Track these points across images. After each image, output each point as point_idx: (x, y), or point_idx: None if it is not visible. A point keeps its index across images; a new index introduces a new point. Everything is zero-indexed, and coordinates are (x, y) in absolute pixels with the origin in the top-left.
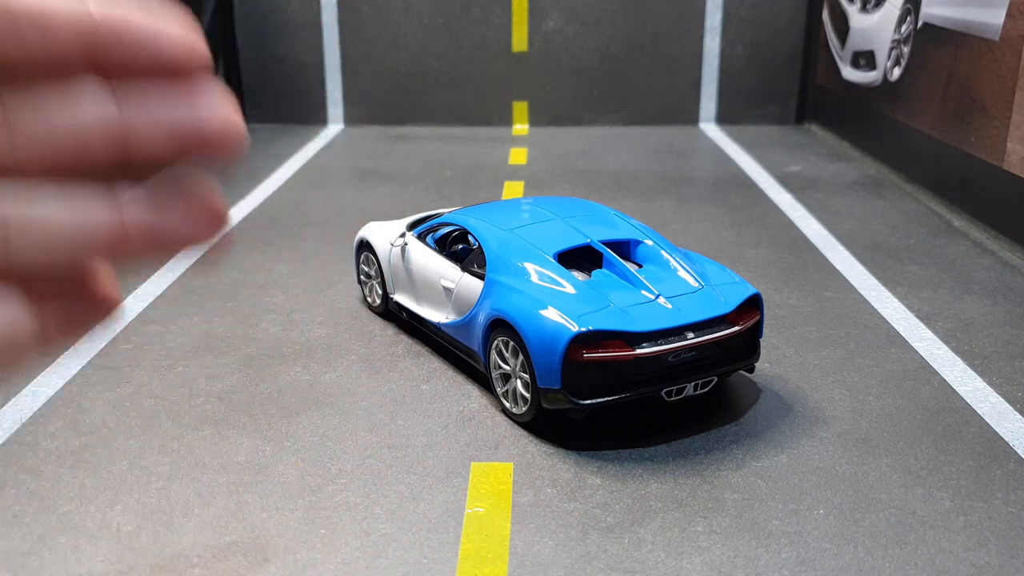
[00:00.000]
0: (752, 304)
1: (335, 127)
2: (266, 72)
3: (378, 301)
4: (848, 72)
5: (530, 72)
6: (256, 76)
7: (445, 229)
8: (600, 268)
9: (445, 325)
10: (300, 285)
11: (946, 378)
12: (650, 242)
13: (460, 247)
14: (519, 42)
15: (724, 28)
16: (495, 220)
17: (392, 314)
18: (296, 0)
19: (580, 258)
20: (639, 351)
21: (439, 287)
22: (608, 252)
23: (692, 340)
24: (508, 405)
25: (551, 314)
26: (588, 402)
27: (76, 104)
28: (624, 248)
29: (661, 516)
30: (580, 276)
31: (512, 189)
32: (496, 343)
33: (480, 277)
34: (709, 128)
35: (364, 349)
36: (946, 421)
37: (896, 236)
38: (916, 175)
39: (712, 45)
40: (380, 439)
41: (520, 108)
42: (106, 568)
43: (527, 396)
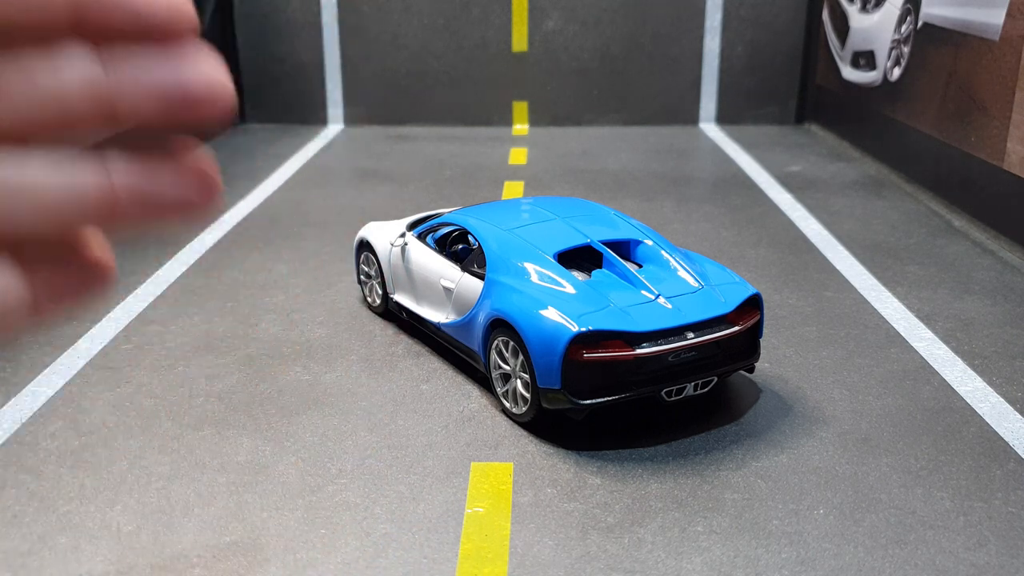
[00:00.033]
0: (752, 304)
1: (335, 127)
2: (266, 72)
3: (378, 301)
4: (848, 72)
5: (530, 72)
6: (256, 76)
7: (445, 229)
8: (600, 268)
9: (445, 325)
10: (300, 285)
11: (946, 378)
12: (650, 242)
13: (460, 247)
14: (519, 42)
15: (724, 28)
16: (495, 220)
17: (392, 314)
18: (296, 0)
19: (580, 258)
20: (639, 351)
21: (439, 287)
22: (608, 252)
23: (692, 340)
24: (508, 405)
25: (551, 314)
26: (588, 402)
27: (60, 66)
28: (624, 248)
29: (661, 516)
30: (580, 276)
31: (512, 189)
32: (496, 343)
33: (480, 277)
34: (709, 128)
35: (364, 349)
36: (946, 421)
37: (896, 236)
38: (916, 175)
39: (712, 45)
40: (380, 439)
41: (520, 108)
42: (106, 568)
43: (527, 396)
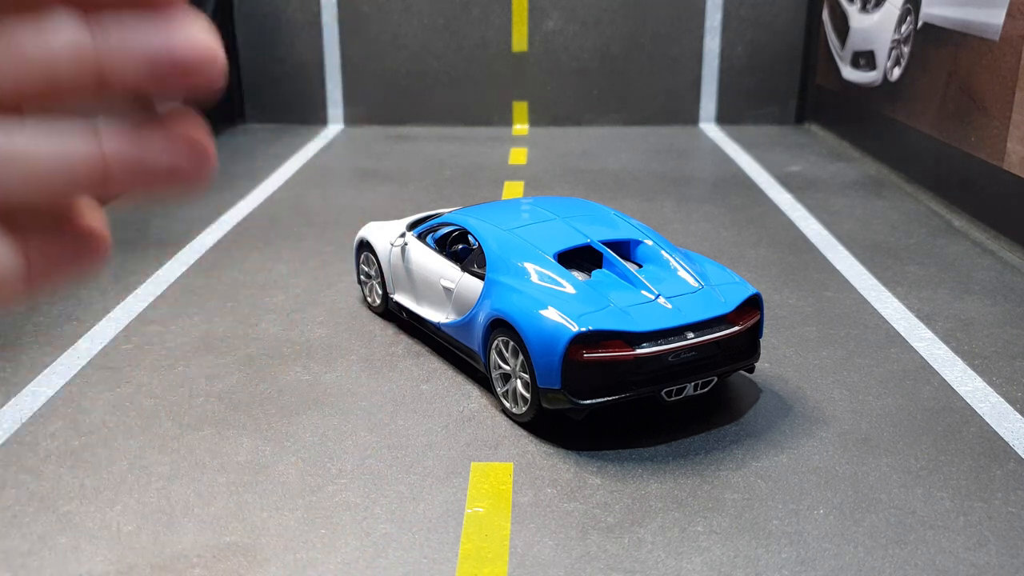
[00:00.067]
0: (752, 304)
1: (335, 127)
2: (266, 72)
3: (378, 301)
4: (848, 72)
5: (530, 72)
6: (256, 76)
7: (445, 229)
8: (600, 268)
9: (445, 325)
10: (300, 285)
11: (946, 378)
12: (650, 242)
13: (460, 247)
14: (519, 42)
15: (724, 28)
16: (495, 220)
17: (392, 314)
18: (296, 0)
19: (580, 258)
20: (639, 351)
21: (439, 287)
22: (608, 252)
23: (692, 340)
24: (508, 405)
25: (551, 314)
26: (588, 402)
27: (48, 33)
28: (624, 248)
29: (661, 516)
30: (580, 276)
31: (512, 189)
32: (496, 343)
33: (480, 277)
34: (709, 128)
35: (364, 349)
36: (946, 421)
37: (896, 236)
38: (916, 175)
39: (712, 45)
40: (380, 439)
41: (520, 108)
42: (106, 568)
43: (527, 396)
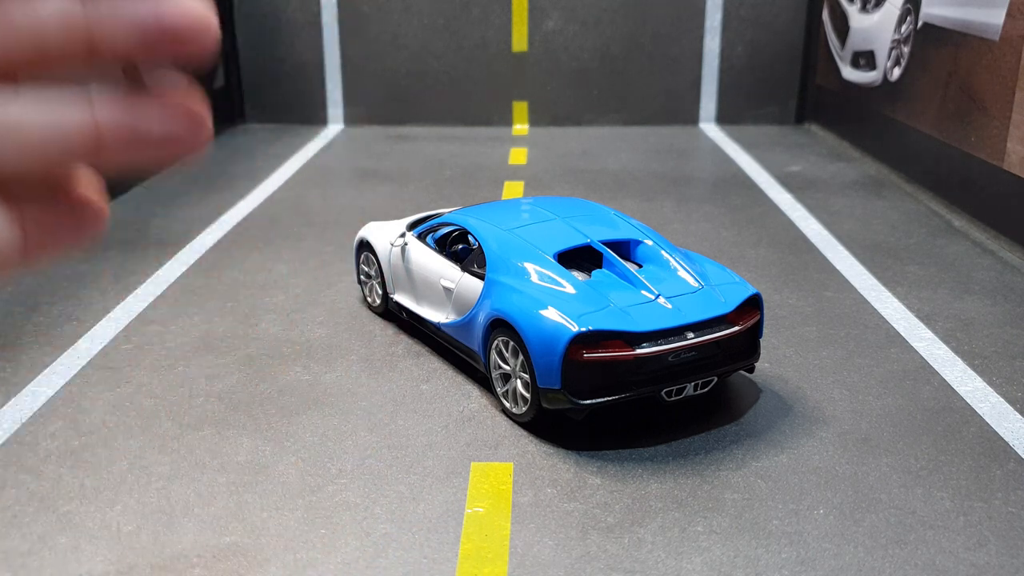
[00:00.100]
0: (752, 304)
1: (335, 127)
2: (266, 72)
3: (378, 301)
4: (848, 72)
5: (530, 72)
6: (256, 76)
7: (445, 229)
8: (600, 268)
9: (445, 325)
10: (300, 285)
11: (946, 378)
12: (650, 242)
13: (460, 247)
14: (519, 42)
15: (724, 28)
16: (495, 220)
17: (392, 314)
18: (296, 0)
19: (580, 258)
20: (639, 351)
21: (439, 287)
22: (608, 252)
23: (692, 340)
24: (508, 405)
25: (551, 314)
26: (588, 402)
27: (36, 1)
28: (624, 248)
29: (661, 516)
30: (580, 276)
31: (512, 189)
32: (496, 343)
33: (480, 277)
34: (709, 128)
35: (364, 349)
36: (946, 421)
37: (896, 236)
38: (916, 175)
39: (712, 45)
40: (380, 439)
41: (520, 108)
42: (106, 568)
43: (527, 396)
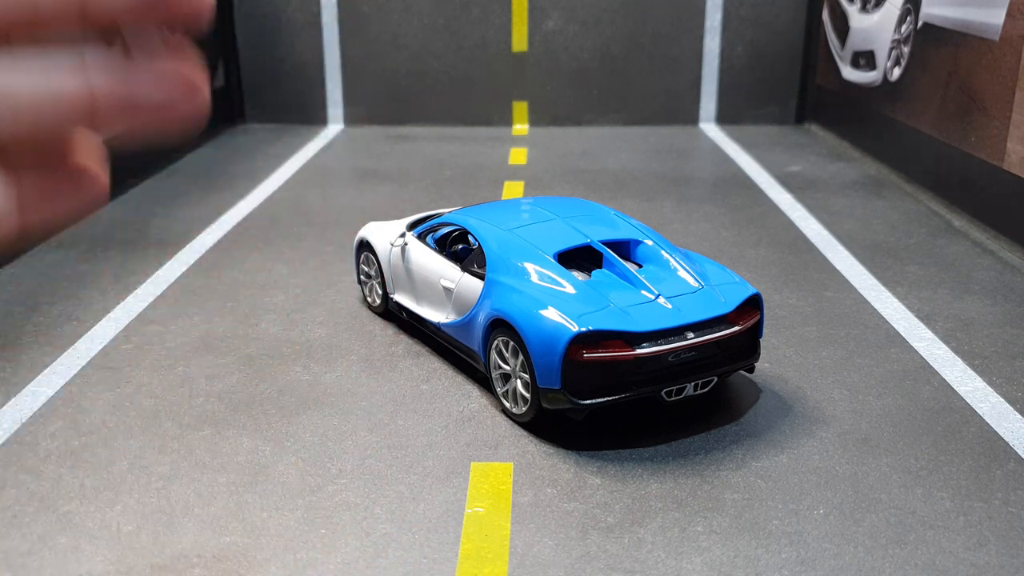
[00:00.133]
0: (752, 304)
1: (335, 127)
2: (266, 72)
3: (378, 301)
4: (848, 72)
5: (530, 72)
6: (256, 76)
7: (445, 229)
8: (600, 268)
9: (445, 325)
10: (300, 285)
11: (946, 378)
12: (650, 242)
13: (460, 247)
14: (519, 42)
15: (724, 28)
16: (495, 220)
17: (392, 314)
18: (296, 0)
19: (580, 258)
20: (639, 351)
21: (439, 287)
22: (608, 252)
23: (692, 340)
24: (508, 405)
25: (551, 314)
26: (588, 402)
27: None
28: (624, 248)
29: (661, 516)
30: (580, 276)
31: (512, 189)
32: (496, 343)
33: (480, 277)
34: (709, 128)
35: (364, 349)
36: (946, 421)
37: (896, 236)
38: (916, 175)
39: (712, 45)
40: (380, 439)
41: (520, 108)
42: (106, 568)
43: (527, 396)
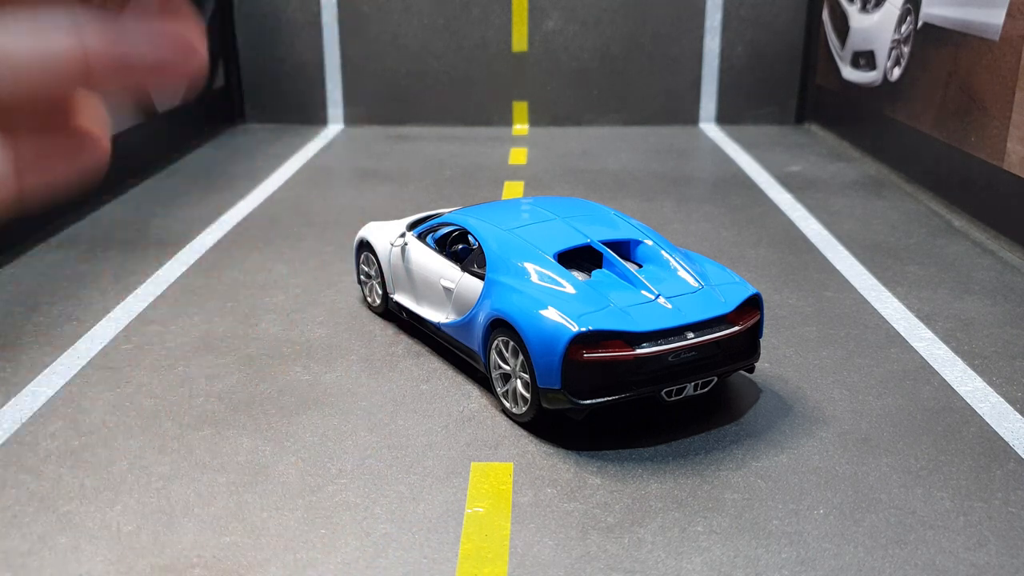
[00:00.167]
0: (752, 304)
1: (335, 127)
2: (266, 72)
3: (378, 301)
4: (848, 72)
5: (530, 72)
6: (256, 76)
7: (445, 229)
8: (600, 268)
9: (445, 325)
10: (300, 285)
11: (946, 378)
12: (650, 242)
13: (460, 247)
14: (519, 42)
15: (724, 28)
16: (495, 220)
17: (392, 314)
18: (296, 0)
19: (580, 258)
20: (639, 351)
21: (439, 287)
22: (608, 252)
23: (692, 340)
24: (508, 405)
25: (551, 314)
26: (588, 402)
27: None
28: (624, 248)
29: (661, 516)
30: (580, 276)
31: (512, 189)
32: (496, 343)
33: (480, 277)
34: (709, 128)
35: (364, 349)
36: (946, 421)
37: (896, 236)
38: (916, 175)
39: (712, 45)
40: (380, 439)
41: (520, 108)
42: (106, 568)
43: (527, 396)
